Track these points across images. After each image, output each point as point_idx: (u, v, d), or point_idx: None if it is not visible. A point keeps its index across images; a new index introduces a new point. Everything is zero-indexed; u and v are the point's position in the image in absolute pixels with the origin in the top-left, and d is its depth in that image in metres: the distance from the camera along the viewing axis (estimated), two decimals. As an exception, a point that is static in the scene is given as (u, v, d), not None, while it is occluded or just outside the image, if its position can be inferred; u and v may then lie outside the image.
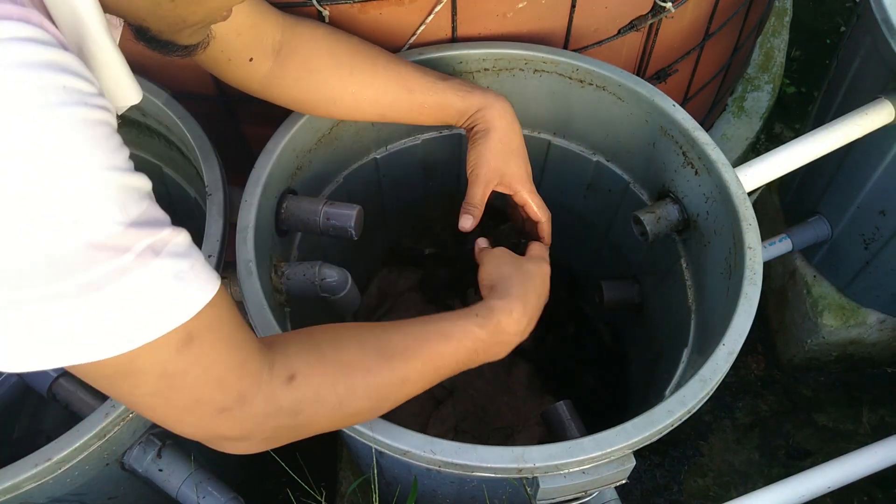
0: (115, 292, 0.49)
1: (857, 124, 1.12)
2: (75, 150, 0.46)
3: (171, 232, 0.52)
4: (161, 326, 0.52)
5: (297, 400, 0.64)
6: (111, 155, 0.48)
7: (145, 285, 0.50)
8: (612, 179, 1.17)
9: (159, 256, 0.51)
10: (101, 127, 0.48)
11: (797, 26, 2.12)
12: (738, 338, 0.83)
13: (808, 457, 1.56)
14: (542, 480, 0.78)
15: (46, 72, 0.45)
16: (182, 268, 0.52)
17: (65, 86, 0.46)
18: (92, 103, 0.48)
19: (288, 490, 1.33)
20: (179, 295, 0.52)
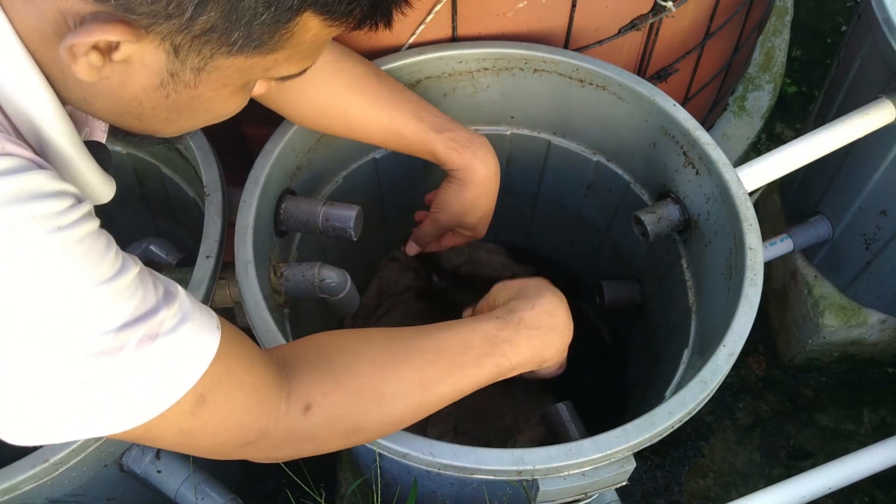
0: (118, 384, 0.51)
1: (858, 124, 1.12)
2: (57, 279, 0.47)
3: (165, 310, 0.53)
4: (166, 400, 0.54)
5: (314, 427, 0.66)
6: (94, 270, 0.49)
7: (147, 369, 0.52)
8: (612, 179, 1.17)
9: (155, 342, 0.52)
10: (79, 244, 0.49)
11: (798, 26, 2.11)
12: (739, 339, 0.83)
13: (809, 457, 1.56)
14: (542, 482, 0.77)
15: (12, 207, 0.45)
16: (180, 339, 0.54)
17: (34, 216, 0.46)
18: (67, 222, 0.48)
19: (287, 491, 1.33)
20: (180, 367, 0.54)
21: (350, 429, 0.68)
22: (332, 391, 0.67)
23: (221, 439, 0.61)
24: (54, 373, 0.49)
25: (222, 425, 0.60)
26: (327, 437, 0.67)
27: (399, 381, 0.69)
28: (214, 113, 0.60)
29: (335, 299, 1.00)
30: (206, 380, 0.56)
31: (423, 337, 0.73)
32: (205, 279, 0.91)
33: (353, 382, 0.68)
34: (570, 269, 1.40)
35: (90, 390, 0.50)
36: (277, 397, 0.64)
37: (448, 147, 0.96)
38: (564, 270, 1.40)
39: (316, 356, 0.69)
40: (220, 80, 0.55)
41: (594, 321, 1.37)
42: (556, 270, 1.40)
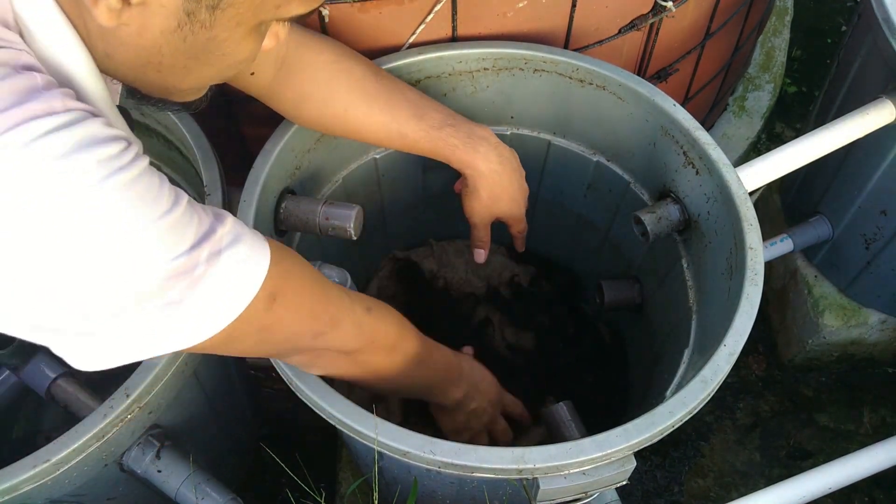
0: (196, 298, 0.56)
1: (859, 124, 1.12)
2: (128, 216, 0.51)
3: (221, 228, 0.58)
4: (241, 303, 0.60)
5: (374, 329, 0.79)
6: (157, 203, 0.53)
7: (219, 281, 0.57)
8: (612, 179, 1.17)
9: (220, 256, 0.58)
10: (139, 181, 0.52)
11: (798, 26, 2.11)
12: (740, 338, 0.83)
13: (809, 457, 1.56)
14: (543, 481, 0.77)
15: (77, 154, 0.49)
16: (240, 251, 0.60)
17: (98, 160, 0.50)
18: (125, 163, 0.52)
19: (287, 491, 1.33)
20: (246, 272, 0.60)
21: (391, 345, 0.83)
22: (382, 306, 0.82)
23: (296, 329, 0.69)
24: (138, 301, 0.53)
25: (296, 316, 0.68)
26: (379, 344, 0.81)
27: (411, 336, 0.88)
28: (230, 58, 0.62)
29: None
30: (270, 281, 0.62)
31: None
32: (205, 279, 0.91)
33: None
34: (570, 269, 1.40)
35: (173, 310, 0.55)
36: (339, 291, 0.74)
37: (449, 146, 0.97)
38: (564, 270, 1.40)
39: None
40: (234, 19, 0.57)
41: (594, 321, 1.37)
42: (556, 270, 1.40)
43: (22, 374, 1.02)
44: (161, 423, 0.94)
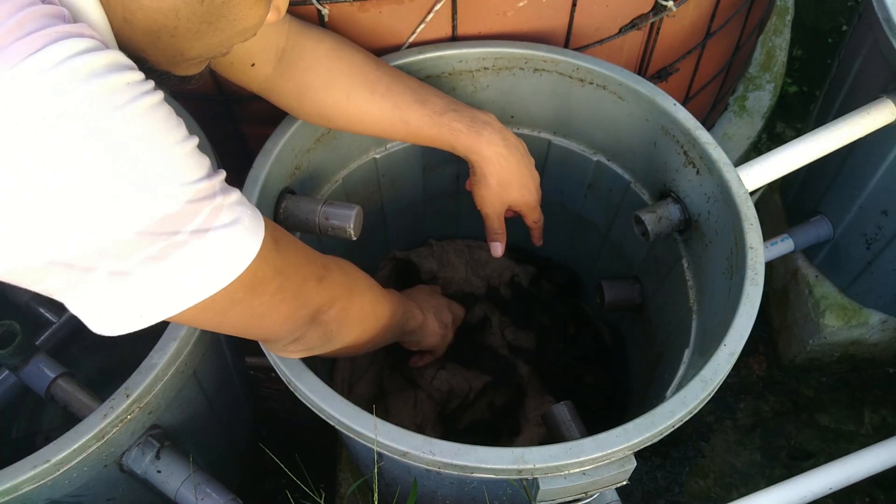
0: (220, 226, 0.58)
1: (859, 124, 1.11)
2: (154, 134, 0.53)
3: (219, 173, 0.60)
4: (256, 240, 0.62)
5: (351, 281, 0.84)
6: (175, 130, 0.55)
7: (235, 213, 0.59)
8: (612, 179, 1.17)
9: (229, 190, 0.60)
10: (160, 108, 0.55)
11: (799, 25, 2.11)
12: (740, 338, 0.83)
13: (810, 458, 1.56)
14: (543, 481, 0.77)
15: (111, 75, 0.51)
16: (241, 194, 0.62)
17: (127, 83, 0.52)
18: (148, 89, 0.54)
19: (287, 491, 1.32)
20: (252, 213, 0.63)
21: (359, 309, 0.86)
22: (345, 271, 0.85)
23: (304, 273, 0.73)
24: (167, 225, 0.54)
25: (301, 260, 0.72)
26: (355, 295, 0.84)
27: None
28: (240, 24, 0.64)
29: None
30: (269, 225, 0.66)
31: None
32: (204, 279, 0.91)
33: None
34: (570, 269, 1.40)
35: (200, 239, 0.56)
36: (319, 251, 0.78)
37: (453, 131, 0.96)
38: (564, 270, 1.40)
39: None
40: None
41: (594, 321, 1.37)
42: (557, 270, 1.40)
43: (22, 374, 1.02)
44: (161, 423, 0.94)
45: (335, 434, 1.23)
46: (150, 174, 0.53)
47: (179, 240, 0.55)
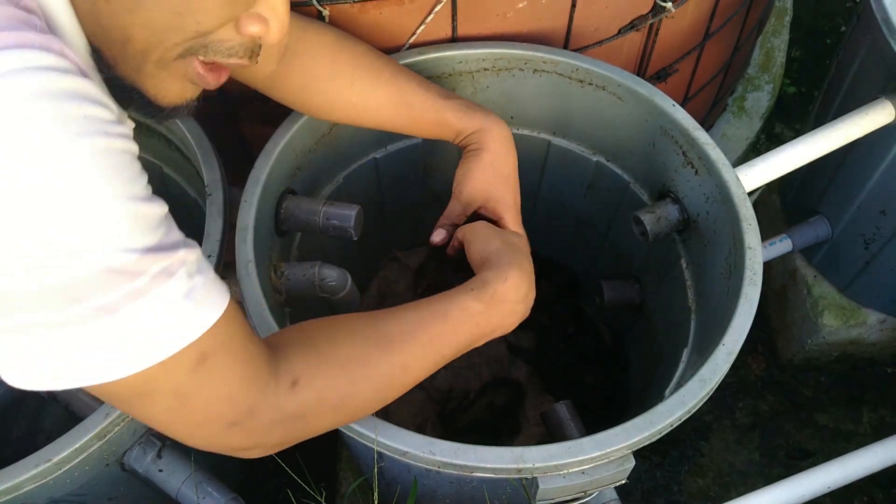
0: (130, 314, 0.50)
1: (858, 124, 1.12)
2: (93, 181, 0.46)
3: (186, 252, 0.53)
4: (174, 345, 0.53)
5: (302, 403, 0.65)
6: (128, 185, 0.49)
7: (159, 306, 0.51)
8: (612, 179, 1.17)
9: (173, 278, 0.52)
10: (120, 156, 0.49)
11: (797, 26, 2.11)
12: (738, 338, 0.83)
13: (809, 457, 1.56)
14: (542, 481, 0.78)
15: (67, 101, 0.46)
16: (195, 286, 0.54)
17: (85, 115, 0.47)
18: (112, 132, 0.48)
19: (288, 490, 1.33)
20: (191, 314, 0.54)
21: (338, 401, 0.68)
22: (316, 363, 0.66)
23: (211, 412, 0.60)
24: (71, 287, 0.47)
25: (216, 393, 0.59)
26: (316, 412, 0.67)
27: (381, 351, 0.70)
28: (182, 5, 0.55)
29: (335, 298, 1.00)
30: (210, 339, 0.56)
31: (400, 312, 0.73)
32: (206, 279, 0.91)
33: (336, 354, 0.68)
34: (570, 269, 1.40)
35: (104, 317, 0.49)
36: (267, 375, 0.63)
37: (459, 110, 0.93)
38: (564, 270, 1.40)
39: (299, 335, 0.69)
40: None
41: (594, 321, 1.37)
42: (556, 270, 1.40)
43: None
44: (162, 422, 0.94)
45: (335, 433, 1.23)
46: (72, 222, 0.46)
47: (79, 314, 0.48)
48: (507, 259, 0.79)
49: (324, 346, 0.68)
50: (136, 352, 0.52)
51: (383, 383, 0.70)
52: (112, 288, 0.49)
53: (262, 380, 0.63)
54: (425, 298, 0.76)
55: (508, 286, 0.77)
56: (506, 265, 0.79)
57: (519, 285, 0.78)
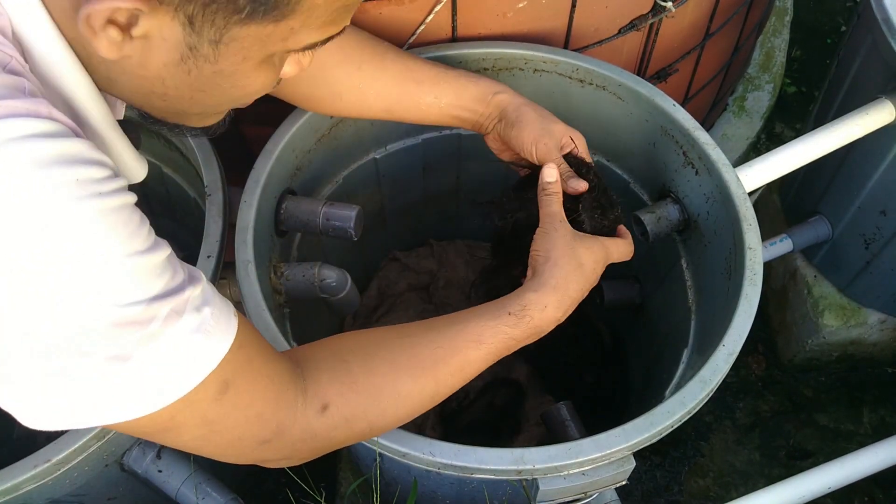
0: (144, 358, 0.51)
1: (858, 124, 1.12)
2: (94, 244, 0.47)
3: (191, 289, 0.54)
4: (192, 381, 0.54)
5: (330, 427, 0.66)
6: (130, 240, 0.50)
7: (172, 346, 0.52)
8: (612, 179, 1.17)
9: (182, 317, 0.53)
10: (117, 213, 0.49)
11: (798, 26, 2.11)
12: (739, 338, 0.83)
13: (809, 457, 1.56)
14: (542, 482, 0.78)
15: (58, 168, 0.46)
16: (203, 319, 0.54)
17: (77, 179, 0.47)
18: (107, 190, 0.49)
19: (288, 491, 1.33)
20: (205, 347, 0.54)
21: (366, 429, 0.69)
22: (349, 391, 0.67)
23: (241, 433, 0.61)
24: (83, 341, 0.48)
25: (243, 416, 0.60)
26: (343, 437, 0.68)
27: (414, 379, 0.70)
28: (241, 90, 0.59)
29: (335, 299, 1.00)
30: (229, 366, 0.56)
31: (432, 332, 0.73)
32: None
33: (370, 382, 0.68)
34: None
35: (119, 365, 0.50)
36: (294, 392, 0.64)
37: (472, 77, 0.92)
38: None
39: (331, 357, 0.69)
40: (240, 53, 0.55)
41: (594, 321, 1.37)
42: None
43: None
44: (161, 423, 0.94)
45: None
46: (78, 285, 0.47)
47: (93, 363, 0.49)
48: (554, 281, 0.78)
49: (358, 371, 0.68)
50: (155, 392, 0.53)
51: (412, 410, 0.72)
52: (123, 338, 0.49)
53: (290, 397, 0.64)
54: (463, 316, 0.75)
55: (545, 315, 0.76)
56: (550, 289, 0.77)
57: (554, 314, 0.77)
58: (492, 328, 0.74)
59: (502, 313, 0.75)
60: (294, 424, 0.64)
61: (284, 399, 0.63)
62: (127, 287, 0.49)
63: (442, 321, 0.75)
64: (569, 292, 0.78)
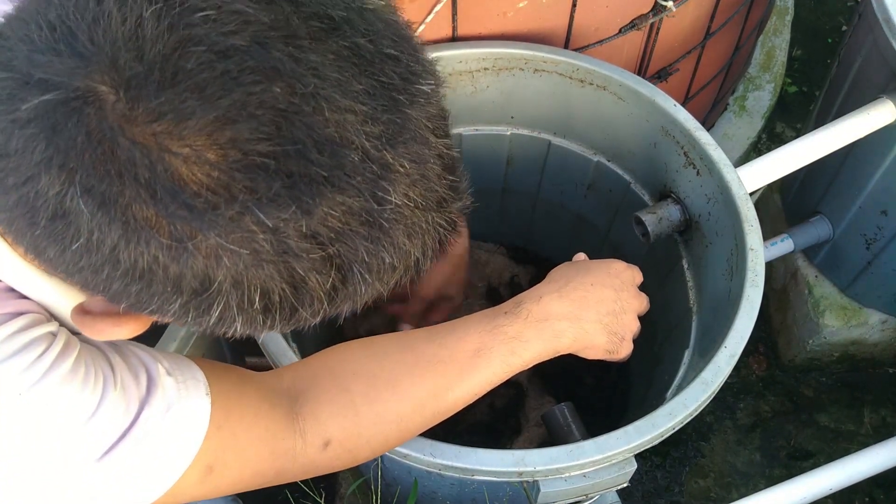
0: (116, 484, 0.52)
1: (859, 124, 1.11)
2: (38, 429, 0.49)
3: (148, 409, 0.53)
4: (170, 479, 0.54)
5: (333, 458, 0.67)
6: (78, 408, 0.50)
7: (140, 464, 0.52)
8: (612, 180, 1.17)
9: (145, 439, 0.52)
10: (61, 385, 0.50)
11: (799, 25, 2.11)
12: (740, 340, 0.83)
13: (810, 457, 1.56)
14: (543, 484, 0.77)
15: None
16: (168, 427, 0.54)
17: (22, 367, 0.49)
18: (46, 366, 0.49)
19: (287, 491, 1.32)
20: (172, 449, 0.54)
21: (369, 454, 0.70)
22: (352, 426, 0.67)
23: (237, 488, 0.62)
24: (58, 500, 0.50)
25: (237, 479, 0.60)
26: (346, 463, 0.69)
27: (414, 399, 0.69)
28: None
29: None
30: (209, 452, 0.56)
31: (433, 343, 0.71)
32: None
33: (373, 411, 0.68)
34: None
35: (93, 500, 0.51)
36: (292, 440, 0.64)
37: None
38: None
39: (332, 386, 0.68)
40: None
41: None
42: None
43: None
44: (161, 424, 0.94)
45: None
46: (41, 465, 0.49)
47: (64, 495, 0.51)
48: (549, 277, 0.78)
49: (361, 402, 0.68)
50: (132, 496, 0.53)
51: (412, 433, 0.72)
52: (93, 482, 0.51)
53: (286, 446, 0.63)
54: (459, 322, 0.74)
55: (545, 306, 0.74)
56: (544, 283, 0.77)
57: (551, 302, 0.75)
58: (489, 332, 0.72)
59: (499, 314, 0.74)
60: (294, 465, 0.64)
61: (280, 450, 0.63)
62: (81, 452, 0.50)
63: (444, 330, 0.73)
64: (570, 283, 0.76)
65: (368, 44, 0.43)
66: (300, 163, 0.40)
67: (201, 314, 0.45)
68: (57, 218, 0.41)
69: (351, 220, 0.43)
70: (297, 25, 0.41)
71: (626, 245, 1.23)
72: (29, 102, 0.39)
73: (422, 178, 0.46)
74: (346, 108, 0.41)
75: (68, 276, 0.46)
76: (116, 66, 0.38)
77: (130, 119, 0.39)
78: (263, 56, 0.39)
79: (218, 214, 0.40)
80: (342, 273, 0.45)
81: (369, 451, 0.69)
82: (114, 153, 0.39)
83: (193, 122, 0.39)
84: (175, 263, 0.42)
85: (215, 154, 0.39)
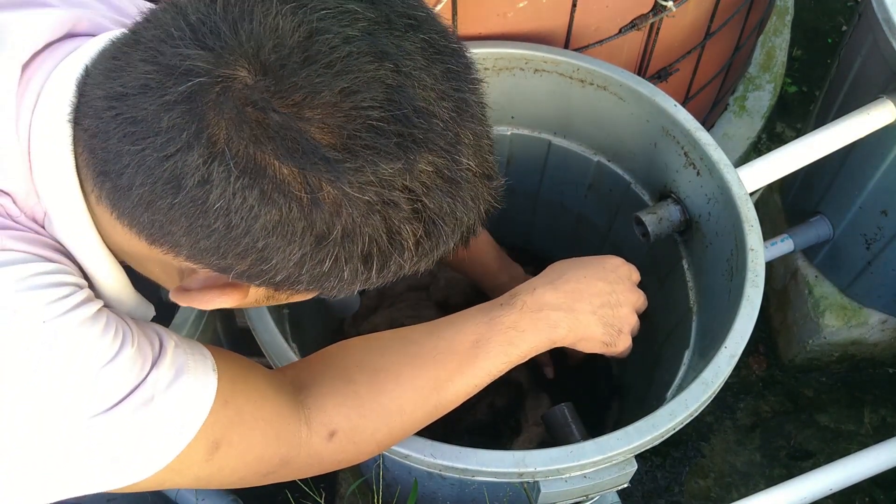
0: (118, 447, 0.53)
1: (859, 124, 1.11)
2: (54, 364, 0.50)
3: (156, 371, 0.55)
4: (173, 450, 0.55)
5: (338, 451, 0.69)
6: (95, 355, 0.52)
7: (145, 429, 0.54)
8: (613, 180, 1.17)
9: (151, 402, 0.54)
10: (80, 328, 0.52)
11: (799, 25, 2.11)
12: (741, 340, 0.83)
13: (810, 457, 1.56)
14: (544, 484, 0.77)
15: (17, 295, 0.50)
16: (175, 395, 0.55)
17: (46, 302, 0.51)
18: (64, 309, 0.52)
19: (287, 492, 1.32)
20: (178, 419, 0.56)
21: (375, 448, 0.71)
22: (357, 416, 0.69)
23: (242, 475, 0.63)
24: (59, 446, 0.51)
25: (241, 462, 0.61)
26: (351, 458, 0.70)
27: (417, 390, 0.71)
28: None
29: (335, 300, 1.00)
30: (216, 425, 0.58)
31: (433, 336, 0.74)
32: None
33: (377, 403, 0.69)
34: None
35: (94, 456, 0.52)
36: (297, 425, 0.66)
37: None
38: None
39: (336, 378, 0.70)
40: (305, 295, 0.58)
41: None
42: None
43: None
44: (160, 424, 0.93)
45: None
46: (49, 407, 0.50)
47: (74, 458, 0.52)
48: (543, 271, 0.80)
49: (365, 393, 0.69)
50: (138, 465, 0.54)
51: (416, 426, 0.73)
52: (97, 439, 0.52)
53: (292, 431, 0.65)
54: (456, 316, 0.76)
55: (539, 297, 0.76)
56: (539, 276, 0.80)
57: (554, 294, 0.77)
58: (486, 323, 0.74)
59: (495, 306, 0.77)
60: (299, 454, 0.66)
61: (286, 435, 0.65)
62: (90, 400, 0.51)
63: (443, 324, 0.75)
64: (564, 276, 0.79)
65: (441, 38, 0.52)
66: (405, 126, 0.49)
67: (315, 266, 0.51)
68: (202, 184, 0.47)
69: (436, 177, 0.51)
70: (394, 20, 0.50)
71: (627, 245, 1.23)
72: (178, 87, 0.46)
73: (479, 149, 0.54)
74: (430, 86, 0.50)
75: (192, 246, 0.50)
76: (260, 53, 0.46)
77: (274, 93, 0.46)
78: (374, 43, 0.48)
79: (346, 167, 0.48)
80: (427, 226, 0.52)
81: (374, 445, 0.70)
82: (259, 122, 0.46)
83: (326, 93, 0.47)
84: (302, 216, 0.48)
85: (342, 118, 0.47)
